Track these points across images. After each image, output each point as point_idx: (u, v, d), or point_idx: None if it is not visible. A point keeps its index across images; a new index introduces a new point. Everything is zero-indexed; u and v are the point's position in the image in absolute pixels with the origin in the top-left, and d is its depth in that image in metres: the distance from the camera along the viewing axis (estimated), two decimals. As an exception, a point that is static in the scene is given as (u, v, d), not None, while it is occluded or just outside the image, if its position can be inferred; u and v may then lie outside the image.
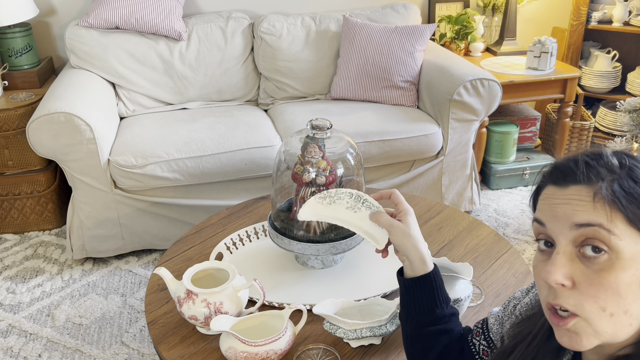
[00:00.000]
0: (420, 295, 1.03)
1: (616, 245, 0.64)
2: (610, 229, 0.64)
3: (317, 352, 1.33)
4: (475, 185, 2.77)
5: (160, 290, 1.54)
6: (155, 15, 2.68)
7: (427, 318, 1.03)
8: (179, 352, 1.33)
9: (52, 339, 2.08)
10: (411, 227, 1.05)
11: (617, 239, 0.64)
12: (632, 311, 0.65)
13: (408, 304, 1.05)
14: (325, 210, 1.18)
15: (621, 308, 0.65)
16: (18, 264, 2.51)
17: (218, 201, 2.48)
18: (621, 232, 0.64)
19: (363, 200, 1.15)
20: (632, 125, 2.54)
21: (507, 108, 3.22)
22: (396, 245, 1.06)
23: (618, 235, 0.64)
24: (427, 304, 1.03)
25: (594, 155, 0.69)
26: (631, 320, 0.65)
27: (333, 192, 1.18)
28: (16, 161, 2.64)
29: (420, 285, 1.03)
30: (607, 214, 0.65)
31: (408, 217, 1.07)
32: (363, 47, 2.76)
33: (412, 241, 1.04)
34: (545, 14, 3.49)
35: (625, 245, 0.64)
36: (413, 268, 1.04)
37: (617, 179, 0.66)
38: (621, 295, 0.64)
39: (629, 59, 3.43)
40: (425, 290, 1.03)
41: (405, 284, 1.05)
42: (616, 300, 0.65)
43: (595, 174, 0.67)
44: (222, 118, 2.60)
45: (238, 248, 1.73)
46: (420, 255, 1.03)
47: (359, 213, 1.15)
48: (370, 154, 2.51)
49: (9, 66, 2.77)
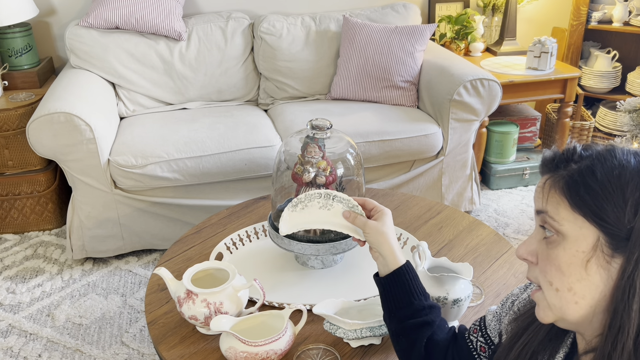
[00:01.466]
0: (397, 289, 1.09)
1: (560, 229, 0.73)
2: (553, 216, 0.73)
3: (317, 352, 1.33)
4: (475, 185, 2.77)
5: (160, 290, 1.54)
6: (155, 15, 2.68)
7: (406, 312, 1.08)
8: (179, 352, 1.33)
9: (52, 339, 2.08)
10: (386, 224, 1.12)
11: (558, 224, 0.73)
12: (577, 290, 0.72)
13: (387, 302, 1.11)
14: (300, 217, 1.21)
15: (564, 284, 0.72)
16: (18, 264, 2.51)
17: (218, 201, 2.48)
18: (564, 217, 0.72)
19: (333, 196, 1.18)
20: (632, 125, 2.55)
21: (507, 108, 3.22)
22: (370, 243, 1.12)
23: (559, 221, 0.72)
24: (405, 297, 1.09)
25: (567, 148, 0.76)
26: (576, 298, 0.72)
27: (303, 197, 1.20)
28: (16, 161, 2.64)
29: (396, 279, 1.09)
30: (555, 200, 0.73)
31: (384, 217, 1.13)
32: (363, 47, 2.76)
33: (385, 237, 1.10)
34: (545, 14, 3.49)
35: (568, 228, 0.72)
36: (387, 264, 1.10)
37: (571, 170, 0.73)
38: (563, 273, 0.72)
39: (629, 59, 3.43)
40: (401, 283, 1.09)
41: (382, 282, 1.11)
42: (559, 277, 0.73)
43: (557, 164, 0.75)
44: (222, 118, 2.60)
45: (238, 248, 1.73)
46: (391, 250, 1.10)
47: (333, 209, 1.18)
48: (370, 154, 2.51)
49: (9, 66, 2.77)
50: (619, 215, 0.69)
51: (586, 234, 0.71)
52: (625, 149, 0.74)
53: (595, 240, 0.70)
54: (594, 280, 0.71)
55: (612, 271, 0.70)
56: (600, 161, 0.72)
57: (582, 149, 0.75)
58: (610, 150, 0.73)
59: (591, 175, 0.71)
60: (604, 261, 0.70)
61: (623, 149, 0.74)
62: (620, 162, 0.71)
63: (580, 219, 0.71)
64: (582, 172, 0.72)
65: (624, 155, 0.72)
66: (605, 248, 0.70)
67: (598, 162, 0.72)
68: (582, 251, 0.71)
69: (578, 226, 0.71)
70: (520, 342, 0.86)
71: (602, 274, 0.70)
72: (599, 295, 0.71)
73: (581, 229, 0.71)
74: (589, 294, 0.71)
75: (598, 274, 0.70)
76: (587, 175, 0.71)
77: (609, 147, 0.75)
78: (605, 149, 0.74)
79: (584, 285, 0.71)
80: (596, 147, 0.75)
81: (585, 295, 0.72)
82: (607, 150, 0.73)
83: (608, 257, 0.70)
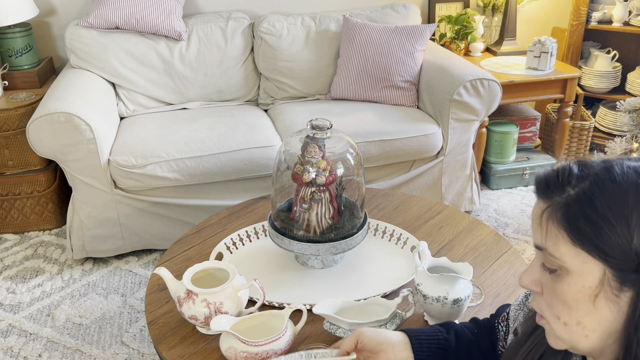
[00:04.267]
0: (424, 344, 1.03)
1: (563, 265, 0.68)
2: (553, 254, 0.68)
3: None
4: (475, 185, 2.77)
5: (160, 290, 1.54)
6: (155, 15, 2.68)
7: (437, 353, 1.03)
8: (179, 352, 1.33)
9: (52, 339, 2.08)
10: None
11: (560, 261, 0.68)
12: (586, 324, 0.68)
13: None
14: None
15: (573, 319, 0.68)
16: (18, 264, 2.51)
17: (218, 201, 2.48)
18: (565, 253, 0.67)
19: (314, 354, 1.08)
20: (632, 125, 2.54)
21: (507, 108, 3.22)
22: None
23: (560, 258, 0.68)
24: (432, 345, 1.04)
25: (562, 169, 0.70)
26: (586, 332, 0.68)
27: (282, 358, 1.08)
28: (16, 161, 2.64)
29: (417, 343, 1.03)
30: (554, 234, 0.68)
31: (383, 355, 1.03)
32: (363, 47, 2.76)
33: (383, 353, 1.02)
34: (545, 14, 3.49)
35: (571, 264, 0.67)
36: (402, 357, 1.02)
37: (568, 198, 0.68)
38: (571, 307, 0.68)
39: (629, 59, 3.43)
40: (417, 342, 1.03)
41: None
42: (567, 311, 0.69)
43: (552, 189, 0.69)
44: (222, 118, 2.60)
45: (238, 248, 1.73)
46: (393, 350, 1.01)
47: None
48: (370, 154, 2.51)
49: (9, 66, 2.77)
50: (624, 248, 0.64)
51: (591, 268, 0.66)
52: (625, 164, 0.68)
53: (602, 274, 0.65)
54: (603, 314, 0.67)
55: (622, 305, 0.66)
56: (599, 187, 0.66)
57: (579, 170, 0.69)
58: (609, 170, 0.67)
59: (590, 204, 0.65)
60: (613, 295, 0.66)
61: (622, 165, 0.67)
62: (620, 186, 0.65)
63: (582, 254, 0.66)
64: (580, 201, 0.66)
65: (624, 176, 0.66)
66: (613, 282, 0.65)
67: (596, 188, 0.66)
68: (588, 286, 0.66)
69: (581, 261, 0.66)
70: (531, 340, 0.84)
71: (611, 307, 0.66)
72: (610, 328, 0.67)
73: (585, 264, 0.66)
74: (599, 328, 0.68)
75: (607, 307, 0.66)
76: (585, 205, 0.66)
77: (607, 165, 0.68)
78: (603, 168, 0.68)
79: (594, 319, 0.67)
80: (593, 166, 0.69)
81: (595, 329, 0.68)
82: (605, 170, 0.67)
83: (617, 291, 0.65)
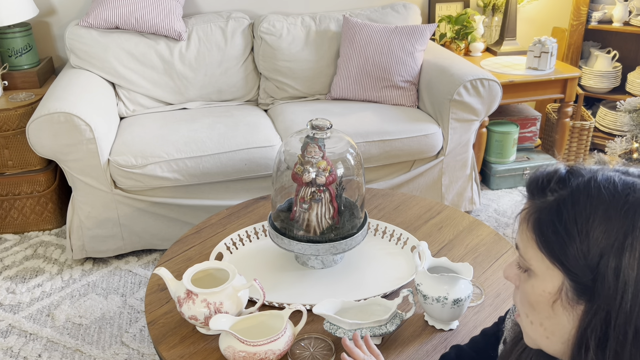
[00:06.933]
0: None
1: (529, 267, 0.71)
2: (522, 255, 0.71)
3: (310, 342, 1.34)
4: (475, 185, 2.77)
5: (160, 290, 1.54)
6: (155, 15, 2.68)
7: None
8: (179, 352, 1.33)
9: (52, 339, 2.08)
10: None
11: (527, 263, 0.71)
12: (547, 326, 0.70)
13: None
14: None
15: (537, 319, 0.71)
16: (18, 264, 2.51)
17: (218, 201, 2.48)
18: (532, 256, 0.69)
19: None
20: (632, 125, 2.54)
21: (507, 108, 3.22)
22: None
23: (528, 260, 0.70)
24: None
25: (548, 172, 0.71)
26: (547, 334, 0.70)
27: None
28: (16, 161, 2.64)
29: None
30: (526, 237, 0.70)
31: None
32: (363, 47, 2.76)
33: None
34: (545, 14, 3.49)
35: (536, 267, 0.69)
36: None
37: (544, 204, 0.69)
38: (534, 308, 0.70)
39: (629, 59, 3.42)
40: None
41: None
42: (532, 311, 0.72)
43: (533, 191, 0.71)
44: (222, 118, 2.60)
45: (238, 248, 1.73)
46: None
47: None
48: (370, 154, 2.51)
49: (9, 66, 2.76)
50: (582, 262, 0.65)
51: (552, 275, 0.68)
52: (612, 178, 0.66)
53: (561, 283, 0.67)
54: (561, 321, 0.69)
55: (576, 316, 0.68)
56: (573, 199, 0.66)
57: (566, 176, 0.69)
58: (589, 183, 0.67)
59: (559, 216, 0.66)
60: (569, 305, 0.67)
61: (607, 179, 0.67)
62: (593, 201, 0.65)
63: (546, 261, 0.68)
64: (552, 210, 0.67)
65: (602, 191, 0.65)
66: (570, 293, 0.67)
67: (570, 200, 0.66)
68: (548, 292, 0.68)
69: (545, 267, 0.68)
70: (517, 348, 0.84)
71: (568, 316, 0.68)
72: (567, 334, 0.69)
73: (548, 270, 0.68)
74: (558, 332, 0.69)
75: (564, 315, 0.68)
76: (555, 215, 0.67)
77: (591, 177, 0.68)
78: (587, 180, 0.67)
79: (553, 323, 0.69)
80: (582, 173, 0.69)
81: (554, 332, 0.70)
82: (586, 183, 0.67)
83: (572, 302, 0.67)
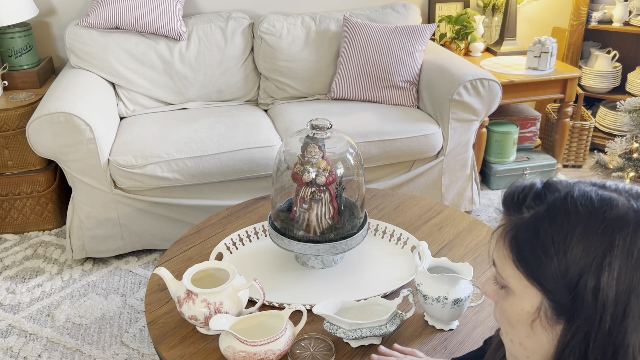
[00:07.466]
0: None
1: (507, 285, 0.69)
2: (500, 272, 0.69)
3: (310, 342, 1.34)
4: (475, 185, 2.77)
5: (160, 290, 1.54)
6: (155, 15, 2.68)
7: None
8: (179, 352, 1.33)
9: (52, 339, 2.08)
10: None
11: (505, 280, 0.69)
12: (527, 345, 0.68)
13: None
14: None
15: (516, 338, 0.69)
16: (18, 264, 2.51)
17: (218, 201, 2.47)
18: (509, 274, 0.68)
19: None
20: (632, 125, 2.54)
21: (507, 108, 3.22)
22: None
23: (505, 278, 0.69)
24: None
25: (524, 187, 0.70)
26: (527, 353, 0.69)
27: None
28: (16, 161, 2.64)
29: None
30: (503, 254, 0.69)
31: None
32: (363, 47, 2.76)
33: None
34: (545, 14, 3.49)
35: (514, 286, 0.68)
36: None
37: (521, 221, 0.68)
38: (514, 327, 0.69)
39: (629, 59, 3.42)
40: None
41: None
42: (511, 330, 0.69)
43: (509, 207, 0.70)
44: (222, 118, 2.60)
45: (238, 248, 1.73)
46: None
47: None
48: (370, 154, 2.51)
49: (9, 66, 2.76)
50: (560, 281, 0.63)
51: (530, 294, 0.66)
52: (588, 194, 0.65)
53: (539, 303, 0.65)
54: (540, 340, 0.67)
55: (555, 335, 0.66)
56: (549, 216, 0.65)
57: (542, 191, 0.67)
58: (565, 200, 0.65)
59: (536, 234, 0.65)
60: (548, 325, 0.66)
61: (584, 195, 0.65)
62: (570, 218, 0.63)
63: (524, 279, 0.66)
64: (529, 228, 0.66)
65: (579, 208, 0.64)
66: (549, 312, 0.65)
67: (547, 218, 0.65)
68: (526, 311, 0.67)
69: (523, 285, 0.67)
70: (500, 351, 0.83)
71: (547, 335, 0.66)
72: (547, 353, 0.67)
73: (526, 289, 0.66)
74: (539, 351, 0.68)
75: (544, 334, 0.66)
76: (532, 233, 0.65)
77: (567, 193, 0.66)
78: (563, 196, 0.66)
79: (533, 342, 0.68)
80: (558, 189, 0.67)
81: (535, 351, 0.68)
82: (562, 200, 0.65)
83: (552, 321, 0.65)
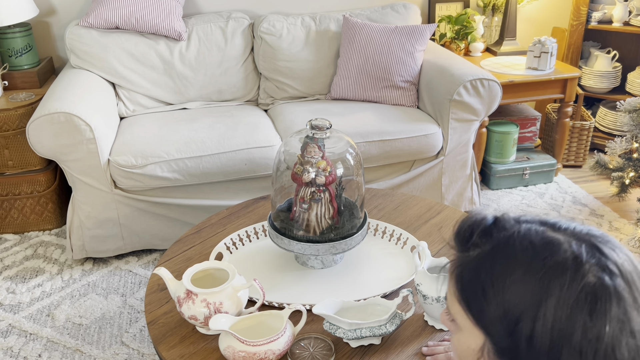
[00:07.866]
0: None
1: (456, 320, 0.68)
2: (449, 307, 0.69)
3: (310, 342, 1.34)
4: (475, 185, 2.77)
5: (160, 290, 1.54)
6: (155, 15, 2.68)
7: None
8: (179, 352, 1.33)
9: (52, 339, 2.08)
10: None
11: (453, 316, 0.68)
12: None
13: None
14: None
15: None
16: (18, 264, 2.51)
17: (218, 201, 2.48)
18: (457, 311, 0.67)
19: None
20: (632, 125, 2.54)
21: (507, 108, 3.22)
22: None
23: (453, 314, 0.68)
24: None
25: (473, 222, 0.68)
26: None
27: None
28: (16, 161, 2.64)
29: None
30: (451, 290, 0.68)
31: None
32: (363, 47, 2.76)
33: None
34: (545, 14, 3.49)
35: (461, 322, 0.67)
36: None
37: (467, 259, 0.66)
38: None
39: (629, 59, 3.43)
40: None
41: None
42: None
43: (458, 242, 0.69)
44: (222, 118, 2.60)
45: (238, 248, 1.73)
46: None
47: None
48: (370, 154, 2.51)
49: (9, 66, 2.76)
50: (498, 326, 0.62)
51: (475, 334, 0.65)
52: (532, 233, 0.64)
53: (483, 343, 0.65)
54: None
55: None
56: (492, 258, 0.64)
57: (491, 227, 0.67)
58: (508, 241, 0.64)
59: (477, 275, 0.64)
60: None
61: (530, 237, 0.64)
62: (513, 264, 0.62)
63: (468, 319, 0.66)
64: (472, 268, 0.65)
65: (522, 252, 0.62)
66: (491, 353, 0.64)
67: (488, 260, 0.64)
68: (472, 349, 0.66)
69: (468, 324, 0.66)
70: None
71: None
72: None
73: (471, 328, 0.66)
74: None
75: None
76: (474, 275, 0.65)
77: (514, 232, 0.65)
78: (509, 235, 0.65)
79: None
80: (505, 227, 0.66)
81: None
82: (505, 241, 0.65)
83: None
